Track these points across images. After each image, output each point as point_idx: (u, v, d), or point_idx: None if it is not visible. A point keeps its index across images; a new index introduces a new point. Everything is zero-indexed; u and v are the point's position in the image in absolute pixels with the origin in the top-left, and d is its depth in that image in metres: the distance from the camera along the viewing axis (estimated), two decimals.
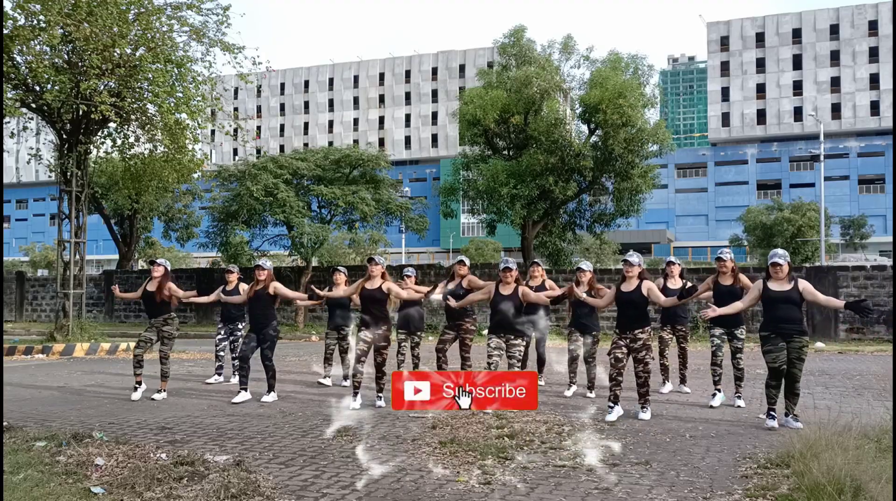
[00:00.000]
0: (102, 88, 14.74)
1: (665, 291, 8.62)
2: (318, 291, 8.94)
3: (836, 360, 13.89)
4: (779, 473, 5.05)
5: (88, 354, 15.40)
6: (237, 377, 9.35)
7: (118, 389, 9.64)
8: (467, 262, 9.24)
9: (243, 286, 9.71)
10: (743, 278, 8.02)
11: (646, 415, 7.25)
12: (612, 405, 7.25)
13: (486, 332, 8.20)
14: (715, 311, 7.03)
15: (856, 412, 7.40)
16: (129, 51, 14.76)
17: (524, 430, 6.48)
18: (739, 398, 8.17)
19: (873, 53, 67.77)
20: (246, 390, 8.47)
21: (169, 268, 9.01)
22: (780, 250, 6.92)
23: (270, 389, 8.59)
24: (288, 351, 15.57)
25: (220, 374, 10.41)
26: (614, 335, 7.35)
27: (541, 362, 9.66)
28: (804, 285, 6.76)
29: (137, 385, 8.83)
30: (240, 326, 10.30)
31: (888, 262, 29.40)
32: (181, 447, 6.01)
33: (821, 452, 4.76)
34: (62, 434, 6.32)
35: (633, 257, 7.36)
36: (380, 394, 8.06)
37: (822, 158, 39.15)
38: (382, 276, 8.02)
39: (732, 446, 6.07)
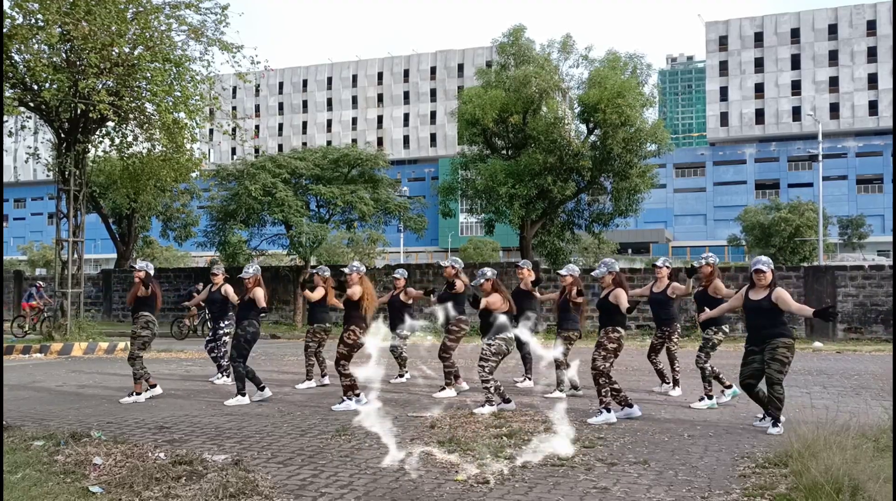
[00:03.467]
0: (101, 86, 14.72)
1: (652, 293, 9.06)
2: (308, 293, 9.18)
3: (834, 360, 13.91)
4: (777, 472, 5.05)
5: (86, 353, 15.37)
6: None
7: (116, 388, 9.63)
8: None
9: (227, 288, 9.75)
10: (718, 283, 7.98)
11: (601, 418, 6.99)
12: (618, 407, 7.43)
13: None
14: (707, 313, 7.60)
15: (854, 411, 7.39)
16: (127, 50, 14.74)
17: (522, 429, 6.49)
18: (701, 400, 7.99)
19: (872, 53, 67.88)
20: (264, 389, 8.56)
21: (149, 272, 8.60)
22: (763, 258, 6.84)
23: (260, 387, 8.62)
24: (287, 351, 15.56)
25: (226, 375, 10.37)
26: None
27: (525, 361, 9.73)
28: (777, 293, 6.65)
29: (151, 387, 8.87)
30: (222, 324, 10.27)
31: (886, 261, 29.46)
32: (179, 446, 6.01)
33: (819, 451, 4.76)
34: (60, 434, 6.32)
35: (603, 267, 7.31)
36: (357, 392, 8.07)
37: (820, 157, 39.17)
38: (360, 281, 8.17)
39: (730, 445, 6.08)
